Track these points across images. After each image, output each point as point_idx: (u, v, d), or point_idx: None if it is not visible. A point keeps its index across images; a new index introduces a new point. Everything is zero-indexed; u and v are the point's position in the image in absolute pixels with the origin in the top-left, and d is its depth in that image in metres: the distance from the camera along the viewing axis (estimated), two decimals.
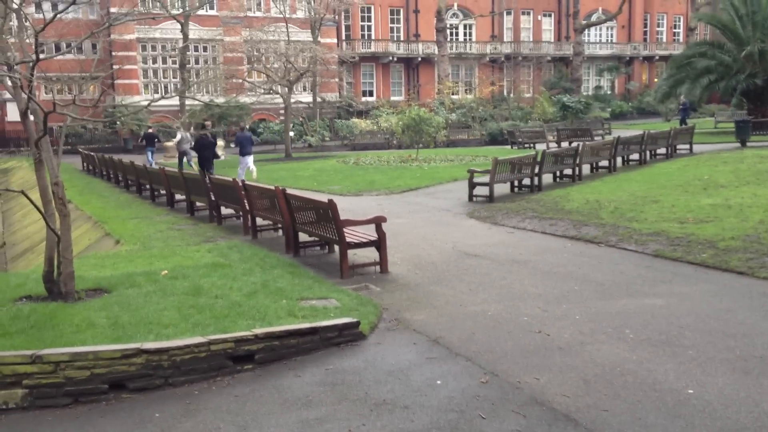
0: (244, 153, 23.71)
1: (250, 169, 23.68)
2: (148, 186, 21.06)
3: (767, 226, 11.19)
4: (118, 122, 38.41)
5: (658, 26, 69.01)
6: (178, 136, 29.02)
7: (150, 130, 31.95)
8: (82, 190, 23.91)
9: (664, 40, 68.94)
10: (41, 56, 8.18)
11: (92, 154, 32.93)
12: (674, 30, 69.54)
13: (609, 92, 64.57)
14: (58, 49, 34.20)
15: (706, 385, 5.71)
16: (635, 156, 23.01)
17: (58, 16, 8.97)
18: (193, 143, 26.19)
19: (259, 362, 6.68)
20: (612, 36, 66.81)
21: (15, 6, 10.41)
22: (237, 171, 23.50)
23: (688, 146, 25.64)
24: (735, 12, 35.49)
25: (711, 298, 8.20)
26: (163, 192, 19.53)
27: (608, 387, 5.77)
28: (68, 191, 9.15)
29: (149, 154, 31.69)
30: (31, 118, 8.87)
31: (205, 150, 23.05)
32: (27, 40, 11.05)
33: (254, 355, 6.68)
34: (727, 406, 5.31)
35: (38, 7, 27.68)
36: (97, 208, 19.22)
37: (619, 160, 22.15)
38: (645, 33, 68.27)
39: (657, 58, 67.00)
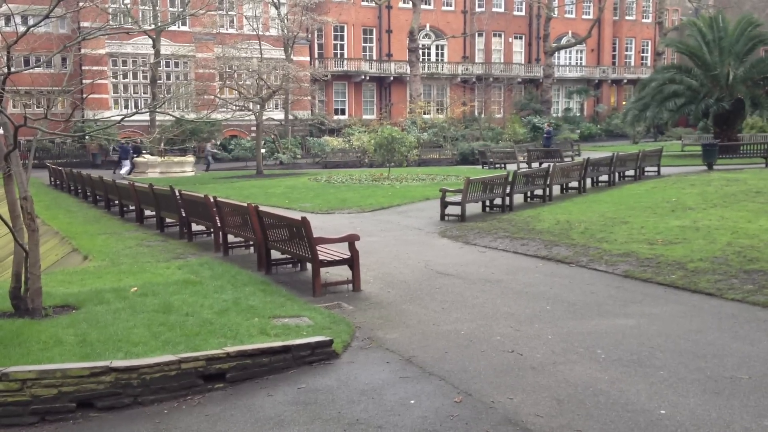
0: (124, 158, 36.29)
1: (126, 171, 34.25)
2: (116, 201, 20.84)
3: (735, 249, 11.35)
4: (87, 137, 38.08)
5: (627, 50, 70.07)
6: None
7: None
8: (50, 205, 23.59)
9: (633, 64, 69.96)
10: (12, 70, 8.08)
11: (60, 168, 32.57)
12: (642, 54, 70.63)
13: (578, 114, 65.30)
14: (27, 62, 33.83)
15: (678, 406, 5.74)
16: (604, 177, 23.27)
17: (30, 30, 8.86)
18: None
19: (231, 381, 6.60)
20: (581, 59, 67.69)
21: None
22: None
23: (656, 168, 25.97)
24: (702, 38, 36.13)
25: (681, 318, 8.28)
26: (132, 207, 19.32)
27: (581, 407, 5.79)
28: (35, 206, 9.01)
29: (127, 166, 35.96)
30: (1, 131, 8.74)
31: None
32: None
33: (226, 374, 6.60)
34: (699, 427, 5.35)
35: (8, 20, 27.39)
36: (64, 223, 18.96)
37: (588, 181, 22.38)
38: (614, 57, 69.26)
39: (625, 81, 67.97)
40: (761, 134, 39.36)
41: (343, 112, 56.71)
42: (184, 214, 15.41)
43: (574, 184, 21.52)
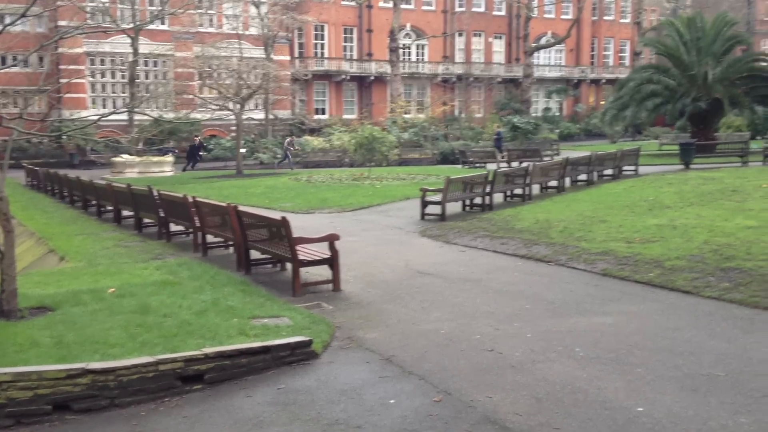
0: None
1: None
2: (94, 202, 20.66)
3: (711, 247, 11.45)
4: (64, 136, 37.72)
5: (605, 50, 70.53)
6: None
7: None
8: (26, 206, 23.34)
9: (611, 63, 70.43)
10: None
11: (36, 168, 32.25)
12: (621, 54, 71.10)
13: (557, 114, 65.63)
14: (3, 61, 33.49)
15: (656, 403, 5.78)
16: (583, 177, 23.38)
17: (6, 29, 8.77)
18: None
19: (209, 382, 6.56)
20: (561, 59, 68.04)
21: None
22: None
23: (634, 168, 26.13)
24: (680, 38, 36.43)
25: (658, 316, 8.34)
26: (110, 208, 19.16)
27: (559, 405, 5.81)
28: (11, 206, 8.91)
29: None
30: None
31: None
32: None
33: (204, 375, 6.56)
34: (676, 424, 5.38)
35: None
36: (41, 223, 18.78)
37: (567, 180, 22.48)
38: (592, 57, 69.70)
39: (604, 81, 68.39)
40: (737, 134, 39.71)
41: (323, 111, 56.62)
42: (162, 215, 15.30)
43: (554, 183, 21.61)
